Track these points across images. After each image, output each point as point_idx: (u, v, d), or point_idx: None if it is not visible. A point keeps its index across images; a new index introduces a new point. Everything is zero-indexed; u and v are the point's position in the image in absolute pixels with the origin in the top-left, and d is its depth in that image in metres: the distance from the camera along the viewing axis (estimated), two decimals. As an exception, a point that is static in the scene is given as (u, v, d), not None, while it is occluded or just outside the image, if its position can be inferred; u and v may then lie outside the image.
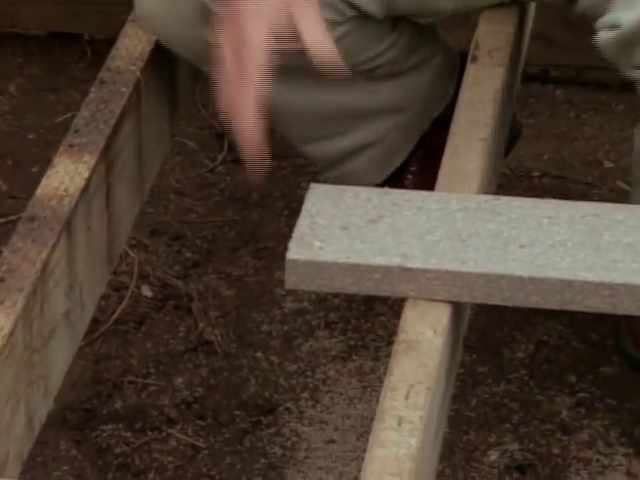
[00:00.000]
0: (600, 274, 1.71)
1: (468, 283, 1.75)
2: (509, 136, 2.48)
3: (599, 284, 1.70)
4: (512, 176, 2.69)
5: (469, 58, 2.24)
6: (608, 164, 2.49)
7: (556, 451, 2.18)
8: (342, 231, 1.78)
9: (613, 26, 2.05)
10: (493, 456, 2.20)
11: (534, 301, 1.77)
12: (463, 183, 1.98)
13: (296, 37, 1.71)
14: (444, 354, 1.68)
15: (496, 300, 1.79)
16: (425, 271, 1.73)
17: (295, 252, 1.72)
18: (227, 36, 1.78)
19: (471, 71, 2.24)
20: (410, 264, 1.72)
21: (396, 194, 1.93)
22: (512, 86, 2.33)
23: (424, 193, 1.95)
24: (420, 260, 1.73)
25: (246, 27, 1.77)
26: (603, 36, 2.07)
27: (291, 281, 1.78)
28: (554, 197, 2.44)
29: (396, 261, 1.73)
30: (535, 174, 2.75)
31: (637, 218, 1.87)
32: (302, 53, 1.71)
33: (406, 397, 1.59)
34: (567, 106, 2.71)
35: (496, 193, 2.26)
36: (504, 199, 1.94)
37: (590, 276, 1.72)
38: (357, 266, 1.74)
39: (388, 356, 1.78)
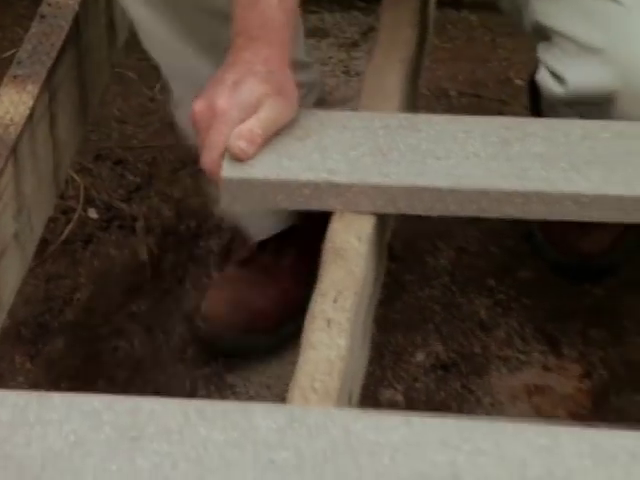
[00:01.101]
0: (513, 183, 1.77)
1: (391, 195, 1.80)
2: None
3: (512, 192, 1.77)
4: (431, 96, 2.70)
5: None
6: (519, 82, 2.51)
7: (477, 350, 2.24)
8: (271, 149, 1.81)
9: None
10: (419, 357, 2.25)
11: (453, 210, 1.78)
12: (384, 102, 2.00)
13: None
14: (369, 261, 1.74)
15: (418, 210, 1.81)
16: (351, 185, 1.78)
17: (229, 171, 1.77)
18: (205, 96, 1.81)
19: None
20: (336, 179, 1.78)
21: (322, 114, 1.95)
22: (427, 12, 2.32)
23: (348, 113, 2.01)
24: (345, 175, 1.79)
25: (215, 96, 1.80)
26: None
27: (226, 201, 1.83)
28: (470, 114, 2.44)
29: (323, 176, 1.78)
30: (452, 93, 2.76)
31: (546, 130, 1.91)
32: None
33: (334, 301, 1.66)
34: (482, 30, 2.72)
35: (416, 112, 2.27)
36: (422, 116, 2.02)
37: (504, 185, 1.78)
38: (287, 182, 1.79)
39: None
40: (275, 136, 1.81)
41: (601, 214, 1.83)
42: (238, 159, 1.75)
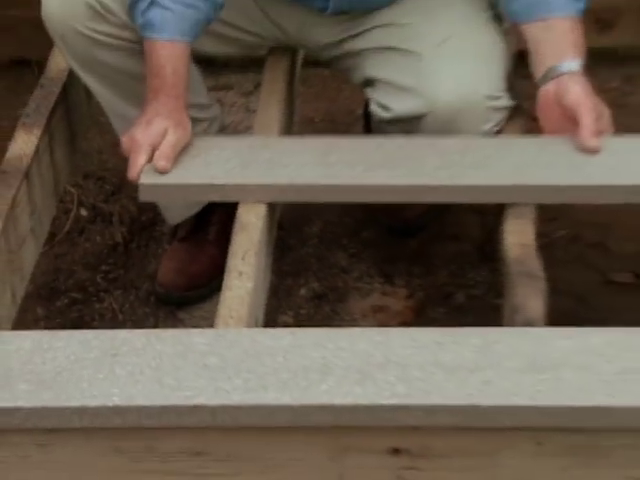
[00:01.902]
0: (356, 179, 1.79)
1: (276, 190, 1.82)
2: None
3: (355, 186, 1.80)
4: (302, 123, 2.66)
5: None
6: (359, 112, 2.48)
7: (340, 285, 2.26)
8: (177, 162, 1.82)
9: None
10: (302, 292, 2.27)
11: (322, 197, 1.86)
12: (269, 128, 2.03)
13: None
14: (264, 232, 1.75)
15: (294, 199, 1.91)
16: (248, 185, 1.80)
17: (144, 179, 1.78)
18: (130, 133, 1.83)
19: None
20: (238, 181, 1.80)
21: (210, 139, 1.97)
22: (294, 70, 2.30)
23: (227, 137, 2.11)
24: (241, 178, 1.81)
25: (136, 133, 1.81)
26: None
27: (143, 198, 1.86)
28: (328, 134, 2.47)
29: (230, 180, 1.81)
30: (316, 121, 2.74)
31: (365, 143, 1.96)
32: None
33: (242, 259, 1.68)
34: (332, 80, 2.73)
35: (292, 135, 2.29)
36: (278, 138, 2.02)
37: (347, 181, 1.80)
38: (188, 185, 1.83)
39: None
40: (179, 155, 1.82)
41: (413, 197, 1.86)
42: (162, 172, 1.77)
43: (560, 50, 1.83)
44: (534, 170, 1.80)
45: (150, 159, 1.78)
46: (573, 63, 1.81)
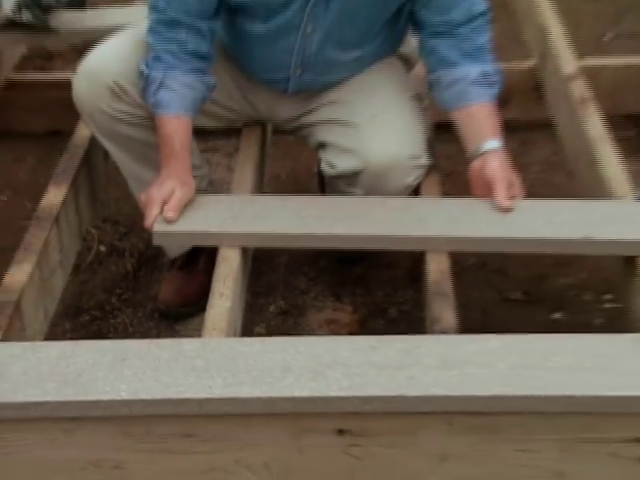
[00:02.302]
0: (324, 229, 1.77)
1: (249, 238, 1.81)
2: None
3: (321, 235, 1.78)
4: (271, 179, 2.64)
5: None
6: (315, 169, 2.42)
7: (301, 303, 2.23)
8: (181, 216, 1.80)
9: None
10: (272, 308, 2.23)
11: (294, 243, 1.84)
12: (244, 184, 2.01)
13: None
14: (240, 263, 1.75)
15: (263, 244, 1.89)
16: (228, 233, 1.78)
17: (157, 228, 1.77)
18: (146, 192, 1.83)
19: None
20: (229, 230, 1.78)
21: (207, 197, 1.91)
22: (266, 137, 2.29)
23: (221, 196, 2.03)
24: (223, 227, 1.79)
25: (151, 191, 1.81)
26: None
27: (156, 241, 1.85)
28: (291, 190, 2.53)
29: (223, 230, 1.79)
30: (282, 177, 2.71)
31: (323, 201, 1.96)
32: None
33: (223, 283, 1.68)
34: (296, 144, 2.66)
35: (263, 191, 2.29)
36: (256, 197, 2.01)
37: (312, 230, 1.78)
38: (191, 232, 1.81)
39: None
40: (184, 208, 1.81)
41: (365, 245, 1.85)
42: (170, 222, 1.76)
43: (482, 133, 1.84)
44: (463, 224, 1.78)
45: (161, 212, 1.77)
46: (493, 142, 1.82)
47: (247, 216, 1.83)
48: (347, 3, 1.79)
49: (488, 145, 1.81)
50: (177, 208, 1.77)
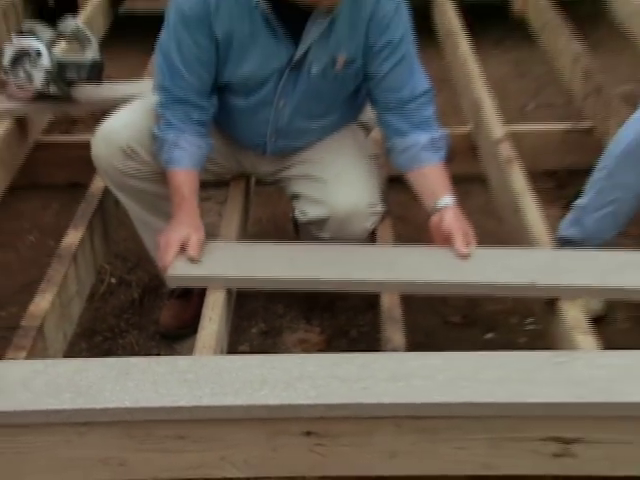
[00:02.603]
0: (312, 273, 1.73)
1: (231, 281, 1.76)
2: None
3: (317, 279, 1.73)
4: (253, 223, 2.60)
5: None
6: (291, 214, 2.32)
7: (278, 325, 2.20)
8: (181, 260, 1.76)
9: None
10: (254, 330, 2.19)
11: (283, 286, 1.79)
12: (230, 227, 1.99)
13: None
14: (225, 300, 1.73)
15: (244, 286, 1.84)
16: (231, 278, 1.75)
17: (171, 271, 1.74)
18: (162, 235, 1.80)
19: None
20: (229, 274, 1.75)
21: (214, 244, 1.84)
22: (249, 186, 2.25)
23: (222, 243, 1.93)
24: (232, 272, 1.75)
25: (170, 235, 1.78)
26: None
27: (170, 283, 1.82)
28: (271, 237, 2.53)
29: (225, 274, 1.75)
30: (263, 221, 2.67)
31: (301, 247, 1.91)
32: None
33: (212, 309, 1.67)
34: (277, 194, 2.60)
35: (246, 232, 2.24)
36: (244, 244, 1.97)
37: (300, 275, 1.73)
38: (190, 276, 1.77)
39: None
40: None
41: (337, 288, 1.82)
42: (194, 261, 1.73)
43: (436, 191, 1.82)
44: (424, 271, 1.74)
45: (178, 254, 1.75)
46: (447, 199, 1.81)
47: (246, 263, 1.79)
48: (311, 84, 1.80)
49: (443, 202, 1.80)
50: (198, 249, 1.75)
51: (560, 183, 2.69)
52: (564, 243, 2.09)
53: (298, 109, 1.86)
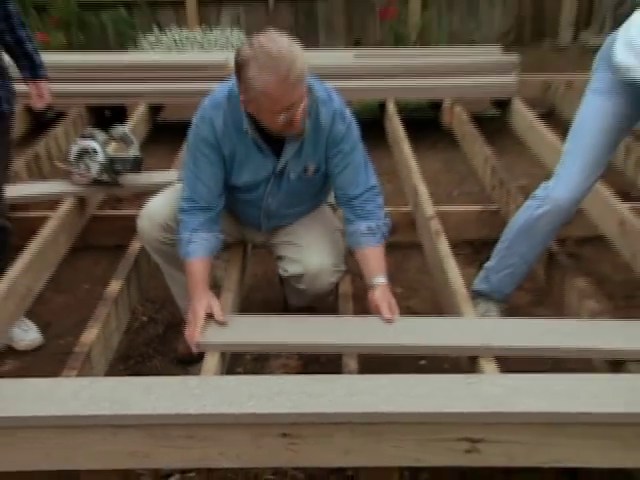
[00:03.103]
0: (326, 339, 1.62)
1: (259, 347, 1.71)
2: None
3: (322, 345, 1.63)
4: (251, 276, 2.50)
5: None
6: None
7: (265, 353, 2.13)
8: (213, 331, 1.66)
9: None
10: (247, 356, 2.09)
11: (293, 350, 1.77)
12: (230, 286, 1.90)
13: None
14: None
15: (271, 351, 1.87)
16: (245, 344, 1.66)
17: (199, 339, 1.62)
18: (190, 311, 1.71)
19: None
20: (242, 341, 1.64)
21: (231, 316, 1.72)
22: (247, 250, 2.18)
23: (243, 316, 1.80)
24: (241, 340, 1.64)
25: (195, 308, 1.68)
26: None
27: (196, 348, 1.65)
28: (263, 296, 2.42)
29: (240, 341, 1.65)
30: (258, 275, 2.57)
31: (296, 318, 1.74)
32: None
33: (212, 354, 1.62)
34: (268, 255, 2.46)
35: (243, 288, 2.15)
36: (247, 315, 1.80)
37: (317, 341, 1.62)
38: (231, 343, 1.65)
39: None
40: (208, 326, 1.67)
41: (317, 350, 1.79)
42: (223, 324, 1.65)
43: (373, 270, 1.75)
44: (372, 336, 1.65)
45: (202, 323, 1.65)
46: (379, 278, 1.73)
47: (256, 332, 1.67)
48: (290, 186, 1.81)
49: (376, 280, 1.73)
50: (222, 315, 1.68)
51: (475, 250, 2.69)
52: (477, 295, 2.10)
53: (281, 202, 1.86)
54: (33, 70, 2.02)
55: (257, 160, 1.74)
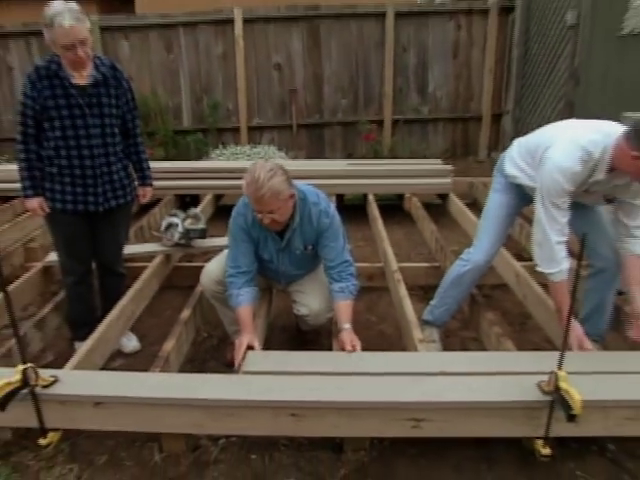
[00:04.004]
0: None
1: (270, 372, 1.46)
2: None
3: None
4: (275, 309, 2.20)
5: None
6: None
7: None
8: (265, 357, 1.51)
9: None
10: None
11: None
12: (260, 315, 1.76)
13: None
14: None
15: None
16: (275, 371, 1.43)
17: (243, 368, 1.46)
18: (238, 340, 1.59)
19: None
20: (271, 370, 1.45)
21: (274, 354, 1.55)
22: (271, 298, 1.98)
23: (278, 353, 1.58)
24: (271, 369, 1.45)
25: (241, 340, 1.58)
26: None
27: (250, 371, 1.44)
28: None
29: (272, 370, 1.45)
30: (280, 308, 2.26)
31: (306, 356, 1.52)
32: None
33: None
34: (286, 296, 2.11)
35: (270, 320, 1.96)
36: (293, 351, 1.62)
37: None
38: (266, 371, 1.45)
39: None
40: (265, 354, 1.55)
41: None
42: (266, 349, 1.54)
43: (342, 318, 1.63)
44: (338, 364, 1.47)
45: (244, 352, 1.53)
46: (346, 325, 1.61)
47: (288, 364, 1.48)
48: (294, 257, 1.75)
49: (344, 326, 1.61)
50: (259, 347, 1.60)
51: (424, 292, 2.56)
52: (424, 322, 1.99)
53: (289, 267, 1.79)
54: (143, 179, 2.08)
55: (269, 241, 1.72)
